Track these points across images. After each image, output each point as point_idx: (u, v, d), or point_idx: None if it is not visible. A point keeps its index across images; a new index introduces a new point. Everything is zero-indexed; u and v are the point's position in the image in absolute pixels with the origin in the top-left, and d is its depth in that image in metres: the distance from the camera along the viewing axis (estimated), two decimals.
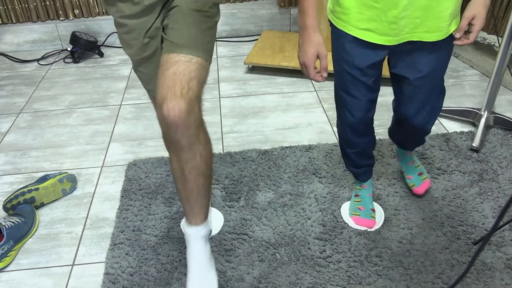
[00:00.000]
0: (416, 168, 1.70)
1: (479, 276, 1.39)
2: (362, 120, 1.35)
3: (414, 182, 1.69)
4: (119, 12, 1.11)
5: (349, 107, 1.33)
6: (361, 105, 1.32)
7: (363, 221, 1.57)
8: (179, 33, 1.02)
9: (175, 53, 1.00)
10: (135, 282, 1.42)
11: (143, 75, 1.20)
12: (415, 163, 1.71)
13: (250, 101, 2.42)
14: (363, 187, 1.63)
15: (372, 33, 1.17)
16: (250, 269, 1.44)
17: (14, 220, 1.57)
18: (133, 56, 1.19)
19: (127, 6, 1.09)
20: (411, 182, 1.70)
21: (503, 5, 2.38)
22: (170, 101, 0.96)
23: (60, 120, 2.32)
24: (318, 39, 1.18)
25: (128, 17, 1.10)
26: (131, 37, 1.13)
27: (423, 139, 1.53)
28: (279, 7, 3.16)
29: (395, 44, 1.19)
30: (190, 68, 0.99)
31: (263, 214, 1.65)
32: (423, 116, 1.35)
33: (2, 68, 2.92)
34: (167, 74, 0.98)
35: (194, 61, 1.01)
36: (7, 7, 2.97)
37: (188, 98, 0.98)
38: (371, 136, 1.46)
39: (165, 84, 0.98)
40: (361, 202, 1.61)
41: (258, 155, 1.96)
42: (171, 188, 1.79)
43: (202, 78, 1.03)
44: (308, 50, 1.18)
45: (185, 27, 1.02)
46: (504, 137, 2.00)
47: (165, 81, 0.98)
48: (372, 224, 1.57)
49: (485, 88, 2.47)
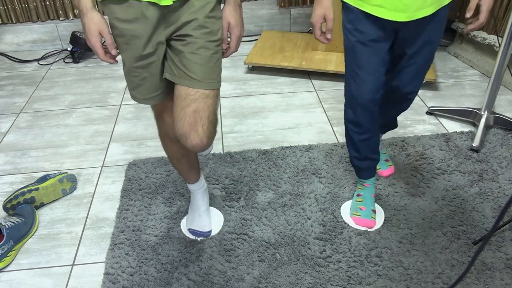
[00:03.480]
0: (383, 154, 1.83)
1: (479, 276, 1.39)
2: (371, 100, 1.37)
3: (380, 166, 1.81)
4: (112, 13, 1.10)
5: (360, 82, 1.35)
6: (372, 80, 1.34)
7: (363, 221, 1.58)
8: (198, 68, 1.10)
9: (195, 89, 1.11)
10: (135, 282, 1.42)
11: (134, 80, 1.19)
12: (383, 149, 1.84)
13: (250, 101, 2.42)
14: (365, 186, 1.63)
15: (383, 9, 1.21)
16: (250, 269, 1.44)
17: (14, 220, 1.57)
18: (125, 61, 1.17)
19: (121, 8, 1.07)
20: (378, 165, 1.80)
21: (503, 5, 2.38)
22: (193, 138, 1.13)
23: (60, 120, 2.31)
24: (327, 3, 1.26)
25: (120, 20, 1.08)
26: (123, 40, 1.11)
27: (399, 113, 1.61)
28: (279, 7, 3.16)
29: (404, 20, 1.22)
30: (208, 103, 1.13)
31: (263, 214, 1.65)
32: (416, 84, 1.42)
33: (2, 68, 2.92)
34: (188, 111, 1.11)
35: (211, 95, 1.14)
36: (7, 7, 2.97)
37: (209, 132, 1.15)
38: (377, 123, 1.47)
39: (186, 121, 1.12)
40: (362, 202, 1.62)
41: (258, 155, 1.96)
42: (171, 188, 1.79)
43: (217, 105, 1.17)
44: (317, 11, 1.26)
45: (203, 61, 1.10)
46: (504, 137, 2.00)
47: (186, 118, 1.12)
48: (372, 225, 1.58)
49: (485, 88, 2.47)
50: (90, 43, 1.06)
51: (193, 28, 1.09)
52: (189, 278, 1.42)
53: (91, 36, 1.04)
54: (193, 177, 1.52)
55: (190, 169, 1.48)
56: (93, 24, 1.03)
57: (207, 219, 1.58)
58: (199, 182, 1.55)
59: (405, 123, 2.17)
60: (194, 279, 1.42)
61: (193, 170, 1.49)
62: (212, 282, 1.41)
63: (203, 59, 1.11)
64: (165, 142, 1.39)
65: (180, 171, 1.49)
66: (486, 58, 2.61)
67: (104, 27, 1.04)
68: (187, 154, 1.40)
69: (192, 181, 1.53)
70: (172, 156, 1.42)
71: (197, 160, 1.50)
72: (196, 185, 1.55)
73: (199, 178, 1.54)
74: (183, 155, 1.40)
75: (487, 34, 2.54)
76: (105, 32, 1.05)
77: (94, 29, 1.04)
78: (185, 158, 1.41)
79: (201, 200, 1.59)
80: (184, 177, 1.53)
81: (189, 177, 1.51)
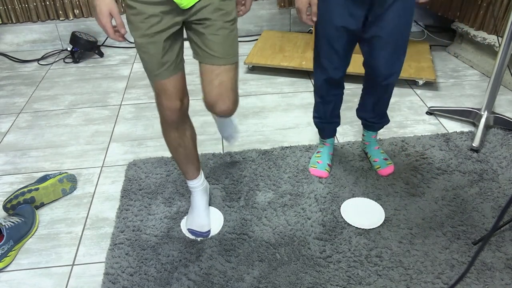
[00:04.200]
0: (382, 154, 1.87)
1: (479, 276, 1.39)
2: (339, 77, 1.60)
3: (380, 164, 1.84)
4: None
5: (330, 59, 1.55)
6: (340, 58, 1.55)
7: (318, 172, 1.82)
8: (219, 47, 1.26)
9: (217, 65, 1.28)
10: (135, 282, 1.42)
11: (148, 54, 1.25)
12: (380, 149, 1.89)
13: (250, 101, 2.42)
14: (325, 145, 1.88)
15: None
16: (250, 269, 1.44)
17: (14, 220, 1.57)
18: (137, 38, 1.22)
19: None
20: (377, 164, 1.84)
21: (503, 5, 2.38)
22: (221, 105, 1.33)
23: (60, 120, 2.32)
24: None
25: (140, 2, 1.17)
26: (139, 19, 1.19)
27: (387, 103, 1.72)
28: (279, 7, 3.16)
29: None
30: (230, 76, 1.31)
31: (263, 214, 1.65)
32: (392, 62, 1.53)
33: (2, 68, 2.92)
34: (214, 84, 1.30)
35: (232, 68, 1.31)
36: (7, 7, 2.97)
37: (233, 98, 1.34)
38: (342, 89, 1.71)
39: (213, 93, 1.31)
40: (320, 157, 1.86)
41: (258, 155, 1.96)
42: (171, 188, 1.79)
43: (237, 75, 1.35)
44: None
45: (223, 40, 1.25)
46: (504, 137, 2.00)
47: (213, 90, 1.31)
48: (325, 175, 1.81)
49: (485, 88, 2.47)
50: (101, 23, 1.15)
51: (210, 11, 1.20)
52: (189, 278, 1.42)
53: (102, 16, 1.13)
54: (191, 173, 1.55)
55: (187, 161, 1.52)
56: (105, 5, 1.13)
57: (206, 219, 1.59)
58: (198, 179, 1.58)
59: (405, 123, 2.17)
60: (194, 279, 1.42)
61: (190, 163, 1.53)
62: (212, 282, 1.41)
63: (222, 39, 1.25)
64: (165, 128, 1.43)
65: (178, 162, 1.53)
66: (486, 58, 2.61)
67: (114, 7, 1.14)
68: (184, 144, 1.46)
69: (190, 176, 1.56)
70: (171, 144, 1.47)
71: (195, 155, 1.53)
72: (195, 182, 1.57)
73: (198, 175, 1.57)
74: (180, 144, 1.46)
75: (487, 34, 2.54)
76: (115, 12, 1.14)
77: (106, 10, 1.13)
78: (182, 148, 1.47)
79: (200, 199, 1.60)
80: (183, 171, 1.56)
81: (187, 171, 1.55)
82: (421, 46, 2.80)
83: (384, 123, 1.80)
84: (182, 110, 1.35)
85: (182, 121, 1.40)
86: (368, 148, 1.89)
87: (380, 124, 1.79)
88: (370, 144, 1.88)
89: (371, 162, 1.87)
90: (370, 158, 1.87)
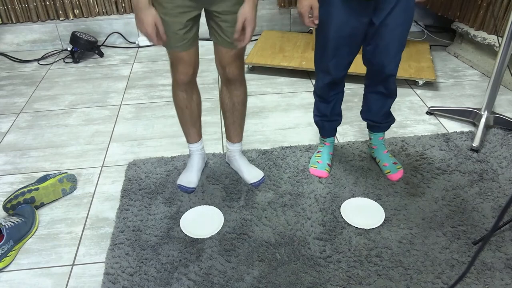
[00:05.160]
0: (391, 158, 1.84)
1: (479, 276, 1.39)
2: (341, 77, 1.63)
3: (390, 169, 1.81)
4: None
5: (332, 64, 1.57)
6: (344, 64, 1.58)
7: (318, 172, 1.82)
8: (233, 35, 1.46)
9: (229, 48, 1.50)
10: (135, 282, 1.42)
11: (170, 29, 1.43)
12: (388, 153, 1.86)
13: (250, 101, 2.41)
14: (325, 144, 1.89)
15: None
16: (250, 269, 1.44)
17: (14, 220, 1.57)
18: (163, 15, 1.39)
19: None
20: (387, 169, 1.81)
21: (503, 5, 2.38)
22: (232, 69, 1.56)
23: (60, 120, 2.32)
24: None
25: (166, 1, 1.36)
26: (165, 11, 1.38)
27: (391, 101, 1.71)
28: (279, 7, 3.16)
29: None
30: (240, 53, 1.54)
31: (263, 214, 1.65)
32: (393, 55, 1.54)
33: (2, 68, 2.92)
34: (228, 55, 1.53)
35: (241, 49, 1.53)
36: (7, 7, 2.97)
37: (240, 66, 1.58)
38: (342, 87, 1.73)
39: (225, 60, 1.54)
40: (320, 157, 1.86)
41: (258, 155, 1.96)
42: (171, 188, 1.79)
43: (244, 51, 1.57)
44: (304, 2, 1.44)
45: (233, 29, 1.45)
46: (504, 137, 2.00)
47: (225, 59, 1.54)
48: (325, 175, 1.82)
49: (485, 88, 2.47)
50: (147, 32, 1.35)
51: (230, 5, 1.39)
52: (189, 278, 1.42)
53: (148, 26, 1.34)
54: (193, 136, 1.77)
55: (191, 123, 1.72)
56: (151, 17, 1.34)
57: (195, 178, 1.79)
58: (198, 144, 1.81)
59: (405, 123, 2.17)
60: (194, 279, 1.42)
61: (193, 126, 1.74)
62: (212, 282, 1.41)
63: (233, 28, 1.45)
64: (175, 90, 1.63)
65: (182, 124, 1.73)
66: (486, 58, 2.61)
67: (158, 19, 1.36)
68: (190, 106, 1.66)
69: (191, 140, 1.78)
70: (178, 105, 1.67)
71: (198, 119, 1.73)
72: (195, 146, 1.80)
73: (198, 140, 1.80)
74: (187, 106, 1.66)
75: (487, 34, 2.54)
76: (160, 22, 1.37)
77: (151, 21, 1.34)
78: (188, 110, 1.67)
79: (196, 160, 1.83)
80: (185, 133, 1.77)
81: (189, 133, 1.76)
82: (421, 46, 2.80)
83: (390, 123, 1.78)
84: (193, 75, 1.58)
85: (191, 85, 1.61)
86: (377, 153, 1.85)
87: (386, 123, 1.78)
88: (378, 148, 1.84)
89: (380, 167, 1.83)
90: (380, 163, 1.84)
